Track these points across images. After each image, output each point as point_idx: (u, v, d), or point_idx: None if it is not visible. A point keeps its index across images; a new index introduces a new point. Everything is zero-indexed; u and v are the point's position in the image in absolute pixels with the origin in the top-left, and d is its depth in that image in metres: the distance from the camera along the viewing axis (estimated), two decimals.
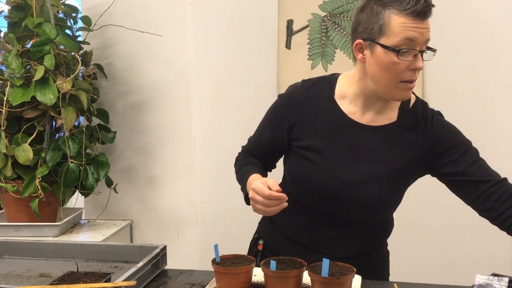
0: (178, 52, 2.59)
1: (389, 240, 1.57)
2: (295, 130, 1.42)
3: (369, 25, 1.27)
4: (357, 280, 1.31)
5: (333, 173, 1.36)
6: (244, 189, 1.42)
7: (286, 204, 1.25)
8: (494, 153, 2.29)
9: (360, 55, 1.32)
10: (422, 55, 1.26)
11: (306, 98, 1.41)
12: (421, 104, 1.42)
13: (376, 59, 1.27)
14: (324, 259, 1.15)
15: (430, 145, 1.36)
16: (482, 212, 1.34)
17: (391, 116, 1.39)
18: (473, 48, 2.33)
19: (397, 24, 1.23)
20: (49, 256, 1.60)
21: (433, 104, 1.46)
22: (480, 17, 2.31)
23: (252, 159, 1.52)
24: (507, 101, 2.32)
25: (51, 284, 1.26)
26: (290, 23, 2.45)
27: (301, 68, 2.44)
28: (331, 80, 1.44)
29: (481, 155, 1.37)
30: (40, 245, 1.63)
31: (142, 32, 2.55)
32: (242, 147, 1.59)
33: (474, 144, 1.38)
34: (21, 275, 1.48)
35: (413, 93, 1.42)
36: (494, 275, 1.21)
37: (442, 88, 2.35)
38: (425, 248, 2.43)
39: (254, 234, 1.62)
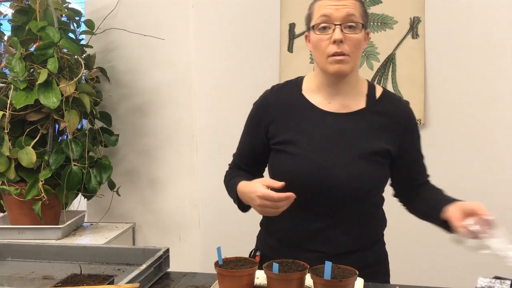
0: (181, 55, 2.60)
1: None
2: (271, 129, 1.50)
3: (306, 18, 1.47)
4: (359, 283, 1.31)
5: (311, 160, 1.42)
6: (236, 200, 1.50)
7: (292, 200, 1.32)
8: (495, 156, 2.30)
9: (309, 45, 1.47)
10: (342, 29, 1.37)
11: (277, 99, 1.52)
12: (388, 92, 1.53)
13: (311, 42, 1.44)
14: (326, 261, 1.16)
15: (400, 127, 1.47)
16: (399, 197, 1.56)
17: (359, 104, 1.48)
18: (476, 53, 2.32)
19: (317, 7, 1.41)
20: (52, 258, 1.60)
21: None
22: (482, 22, 2.31)
23: (239, 171, 1.59)
24: (509, 104, 2.31)
25: (55, 286, 1.27)
26: (292, 26, 2.46)
27: (303, 71, 2.40)
28: (297, 81, 1.56)
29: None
30: (43, 248, 1.63)
31: (144, 35, 2.56)
32: (229, 164, 1.65)
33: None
34: (24, 278, 1.48)
35: (380, 85, 1.53)
36: (497, 277, 1.22)
37: (443, 91, 2.34)
38: (427, 250, 2.42)
39: (254, 248, 1.63)
